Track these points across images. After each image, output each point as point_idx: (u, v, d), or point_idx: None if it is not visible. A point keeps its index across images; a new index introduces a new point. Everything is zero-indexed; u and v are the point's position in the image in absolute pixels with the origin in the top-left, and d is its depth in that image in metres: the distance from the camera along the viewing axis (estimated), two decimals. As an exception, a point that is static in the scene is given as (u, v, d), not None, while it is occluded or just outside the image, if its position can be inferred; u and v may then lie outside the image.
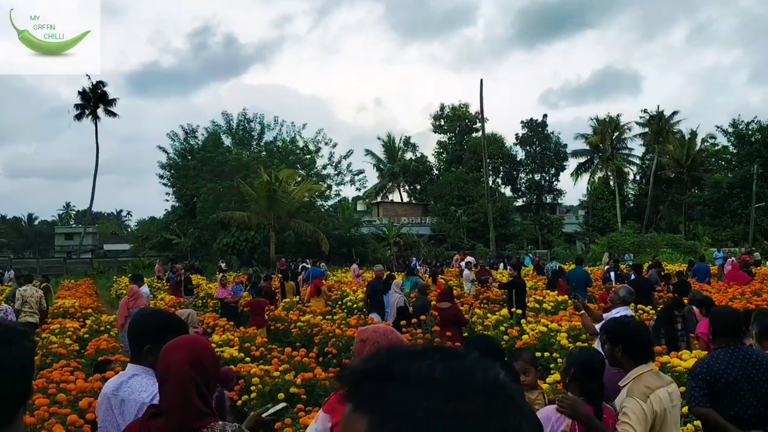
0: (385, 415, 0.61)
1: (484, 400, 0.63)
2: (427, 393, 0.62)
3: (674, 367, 6.08)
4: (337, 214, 41.69)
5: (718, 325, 3.61)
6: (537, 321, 9.62)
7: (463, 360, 0.67)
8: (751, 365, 3.36)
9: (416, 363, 0.65)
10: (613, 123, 53.88)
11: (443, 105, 56.80)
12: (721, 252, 28.76)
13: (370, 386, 0.65)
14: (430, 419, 0.60)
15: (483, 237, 41.58)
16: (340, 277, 22.82)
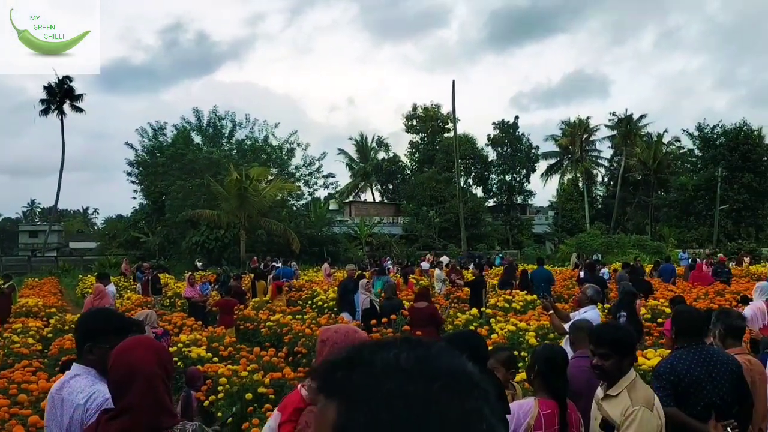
0: (351, 399, 0.64)
1: (446, 384, 0.64)
2: (391, 377, 0.64)
3: (639, 365, 6.18)
4: (309, 213, 41.51)
5: (681, 325, 3.67)
6: (506, 320, 9.68)
7: (429, 348, 0.70)
8: (713, 364, 3.42)
9: (382, 351, 0.68)
10: (583, 125, 54.77)
11: (416, 105, 57.09)
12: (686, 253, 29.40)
13: (337, 375, 0.67)
14: (393, 400, 0.62)
15: (454, 237, 41.82)
16: (311, 277, 22.70)
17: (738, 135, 44.43)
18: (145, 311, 6.69)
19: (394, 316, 8.98)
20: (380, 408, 0.62)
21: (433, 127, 55.81)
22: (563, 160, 56.15)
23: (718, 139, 46.09)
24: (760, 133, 45.16)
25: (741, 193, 42.74)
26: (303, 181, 44.74)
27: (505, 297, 13.08)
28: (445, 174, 48.28)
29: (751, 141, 44.11)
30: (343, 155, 58.63)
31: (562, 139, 55.15)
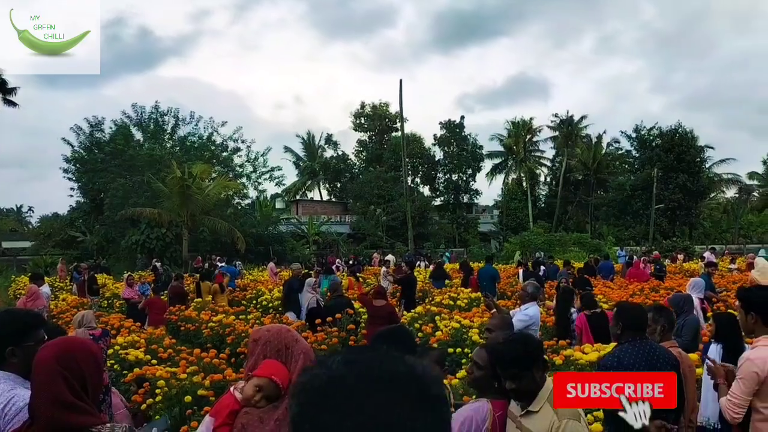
0: (295, 396, 0.79)
1: (360, 380, 0.75)
2: (318, 377, 0.77)
3: (577, 360, 6.32)
4: (254, 212, 40.86)
5: (627, 321, 3.73)
6: (451, 317, 9.76)
7: (365, 353, 0.81)
8: (656, 358, 3.51)
9: (331, 356, 0.81)
10: (526, 126, 55.94)
11: (364, 103, 57.04)
12: (624, 250, 30.42)
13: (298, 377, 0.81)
14: (313, 396, 0.76)
15: (402, 236, 42.00)
16: (256, 276, 22.39)
17: (673, 137, 46.24)
18: (81, 312, 6.50)
19: (339, 315, 8.92)
20: (308, 401, 0.75)
21: (381, 126, 55.91)
22: (508, 159, 57.18)
23: (654, 141, 47.87)
24: (694, 134, 47.20)
25: (675, 193, 44.49)
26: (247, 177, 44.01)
27: (450, 294, 13.21)
28: (393, 173, 48.44)
29: (686, 142, 45.98)
30: (290, 153, 58.06)
31: (506, 139, 56.17)
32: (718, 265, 19.11)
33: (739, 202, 55.08)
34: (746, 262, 20.64)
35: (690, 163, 45.57)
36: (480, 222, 53.91)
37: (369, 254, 35.73)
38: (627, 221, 47.31)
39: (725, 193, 56.31)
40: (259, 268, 27.59)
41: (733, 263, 21.48)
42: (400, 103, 38.10)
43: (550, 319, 9.06)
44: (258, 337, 2.46)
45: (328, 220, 46.18)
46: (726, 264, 22.24)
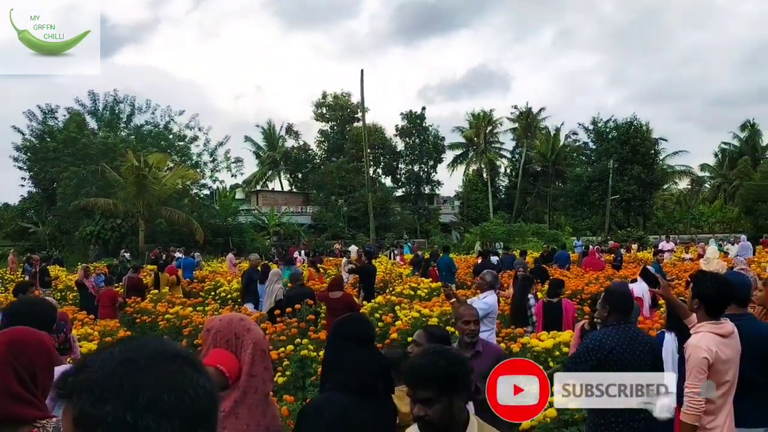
0: (78, 392, 0.84)
1: (149, 359, 0.87)
2: (106, 366, 0.86)
3: (533, 347, 6.42)
4: (213, 203, 40.26)
5: (614, 303, 3.78)
6: (411, 307, 9.81)
7: (139, 341, 0.93)
8: (637, 343, 3.57)
9: (101, 353, 0.90)
10: (486, 118, 56.45)
11: (325, 93, 56.61)
12: (581, 240, 31.08)
13: (67, 382, 0.87)
14: (109, 381, 0.84)
15: (363, 226, 41.99)
16: (215, 267, 22.10)
17: (629, 129, 47.28)
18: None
19: (299, 305, 8.86)
20: (101, 391, 0.83)
21: (342, 116, 55.62)
22: (469, 151, 57.64)
23: (610, 133, 48.87)
24: (648, 127, 48.41)
25: (630, 185, 45.56)
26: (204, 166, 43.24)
27: (410, 285, 13.27)
28: (355, 163, 48.31)
29: (640, 135, 47.09)
30: (250, 143, 57.27)
31: (467, 130, 56.60)
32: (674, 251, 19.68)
33: (691, 193, 56.90)
34: (697, 252, 21.32)
35: (644, 155, 46.70)
36: (441, 213, 54.27)
37: (330, 245, 35.63)
38: (584, 212, 48.30)
39: (678, 184, 58.15)
40: (219, 259, 27.24)
41: (686, 252, 22.15)
42: (361, 94, 37.99)
43: (507, 307, 9.20)
44: (210, 326, 2.43)
45: (288, 211, 45.82)
46: (680, 253, 22.92)
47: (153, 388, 0.84)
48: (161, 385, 0.85)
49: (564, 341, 6.31)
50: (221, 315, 2.62)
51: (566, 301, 8.24)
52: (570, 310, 7.94)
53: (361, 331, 2.74)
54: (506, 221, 42.01)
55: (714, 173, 58.28)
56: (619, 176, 45.10)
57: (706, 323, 3.40)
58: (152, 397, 0.83)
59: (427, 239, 43.25)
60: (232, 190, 47.21)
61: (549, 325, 7.42)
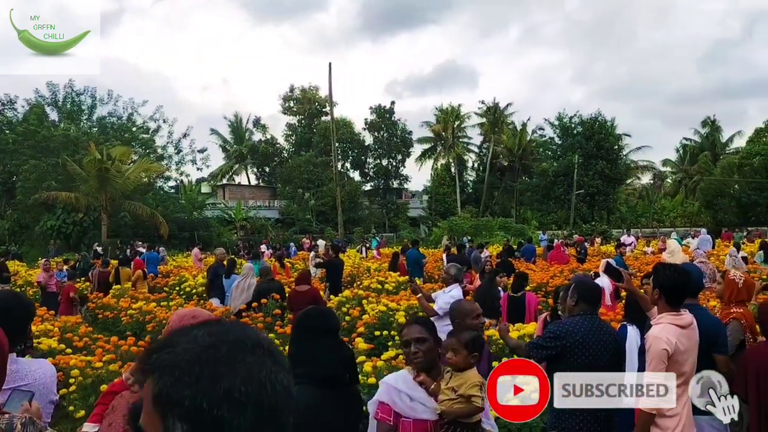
0: (161, 371, 0.87)
1: (231, 346, 0.88)
2: (190, 350, 0.88)
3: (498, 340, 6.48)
4: (179, 197, 39.62)
5: (582, 294, 3.81)
6: (378, 301, 9.81)
7: (222, 326, 0.94)
8: (602, 333, 3.62)
9: (185, 334, 0.92)
10: (455, 113, 56.74)
11: (293, 86, 56.19)
12: (546, 234, 31.49)
13: (152, 357, 0.90)
14: (190, 365, 0.85)
15: (332, 221, 41.88)
16: (180, 262, 21.78)
17: (593, 125, 48.07)
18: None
19: (265, 300, 8.79)
20: (181, 374, 0.85)
21: (310, 110, 55.27)
22: (437, 145, 57.87)
23: (575, 129, 49.62)
24: (613, 123, 49.27)
25: (595, 179, 46.36)
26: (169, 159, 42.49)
27: (378, 279, 13.28)
28: (323, 157, 48.08)
29: (605, 131, 47.92)
30: (217, 136, 56.51)
31: (435, 125, 56.81)
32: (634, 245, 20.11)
33: (653, 188, 58.12)
34: (659, 246, 21.82)
35: (608, 151, 47.54)
36: (409, 207, 54.45)
37: (297, 239, 35.44)
38: (550, 206, 48.96)
39: (641, 179, 59.36)
40: (184, 254, 26.85)
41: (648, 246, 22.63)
42: (329, 87, 37.81)
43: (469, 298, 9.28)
44: (172, 320, 2.40)
45: (255, 205, 45.41)
46: (642, 247, 23.41)
47: (232, 378, 0.84)
48: (240, 376, 0.85)
49: (528, 333, 6.39)
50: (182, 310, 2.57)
51: (529, 294, 8.35)
52: (533, 303, 8.04)
53: (324, 324, 2.73)
54: (474, 215, 42.31)
55: (675, 168, 59.66)
56: (583, 171, 45.82)
57: (667, 314, 3.47)
58: (230, 388, 0.84)
59: (396, 233, 43.34)
60: (198, 184, 46.57)
61: (513, 318, 7.52)
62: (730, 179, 46.07)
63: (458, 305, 3.99)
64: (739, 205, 45.31)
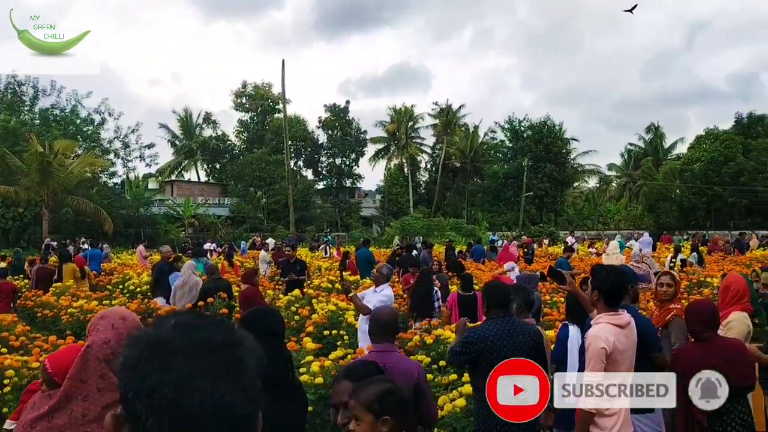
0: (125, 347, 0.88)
1: (180, 347, 0.85)
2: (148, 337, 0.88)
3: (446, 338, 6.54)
4: (124, 192, 38.54)
5: (491, 298, 3.89)
6: (328, 301, 9.77)
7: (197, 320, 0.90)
8: (517, 334, 3.69)
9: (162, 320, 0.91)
10: (408, 113, 57.03)
11: (245, 82, 55.37)
12: (496, 235, 32.00)
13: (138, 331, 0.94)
14: (139, 352, 0.85)
15: (283, 219, 41.48)
16: (125, 260, 21.20)
17: (542, 129, 49.11)
18: None
19: (211, 299, 8.63)
20: (130, 356, 0.85)
21: (263, 107, 54.58)
22: (390, 145, 58.04)
23: (525, 132, 50.60)
24: (562, 127, 50.47)
25: (543, 182, 47.36)
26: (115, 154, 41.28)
27: (329, 278, 13.23)
28: (275, 155, 47.55)
29: (553, 134, 49.03)
30: (165, 130, 55.13)
31: (389, 125, 56.97)
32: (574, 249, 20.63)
33: (599, 191, 59.73)
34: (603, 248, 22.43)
35: (557, 154, 48.66)
36: (362, 206, 54.44)
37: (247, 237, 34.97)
38: (500, 208, 49.76)
39: (587, 182, 60.91)
40: (129, 251, 26.15)
41: (591, 247, 23.24)
42: (282, 84, 37.46)
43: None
44: (92, 322, 2.32)
45: (205, 202, 44.57)
46: (585, 248, 24.03)
47: (161, 377, 0.82)
48: (172, 378, 0.82)
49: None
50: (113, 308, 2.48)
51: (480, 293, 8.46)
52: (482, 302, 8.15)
53: (266, 325, 2.69)
54: (426, 216, 42.61)
55: (620, 173, 61.47)
56: (533, 174, 46.75)
57: (605, 315, 3.55)
58: (153, 387, 0.81)
59: (348, 232, 43.26)
60: (145, 180, 45.37)
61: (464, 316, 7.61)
62: (672, 184, 47.80)
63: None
64: (679, 209, 47.05)
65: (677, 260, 13.90)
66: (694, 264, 14.51)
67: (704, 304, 4.07)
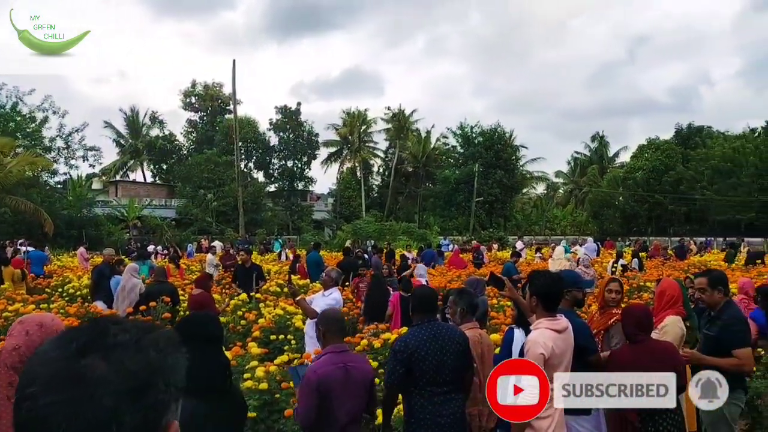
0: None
1: (58, 349, 0.86)
2: (46, 343, 0.90)
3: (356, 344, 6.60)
4: (66, 192, 37.23)
5: (416, 304, 3.93)
6: (276, 305, 9.66)
7: (95, 331, 0.90)
8: (443, 339, 3.71)
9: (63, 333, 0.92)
10: (361, 117, 57.11)
11: (195, 82, 54.33)
12: (447, 240, 32.34)
13: None
14: (31, 353, 0.90)
15: (233, 222, 40.84)
16: (65, 262, 20.48)
17: (493, 136, 49.97)
18: None
19: (153, 303, 8.41)
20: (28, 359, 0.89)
21: (213, 107, 53.68)
22: (343, 149, 57.97)
23: (476, 138, 51.38)
24: (512, 134, 51.45)
25: (494, 188, 48.17)
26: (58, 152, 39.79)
27: (277, 282, 13.09)
28: (225, 157, 46.79)
29: (503, 142, 49.94)
30: (111, 129, 53.55)
31: (342, 128, 56.91)
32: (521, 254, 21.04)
33: (546, 197, 61.14)
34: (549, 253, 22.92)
35: (507, 161, 49.59)
36: (314, 210, 54.14)
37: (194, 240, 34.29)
38: (451, 212, 50.34)
39: (535, 189, 62.31)
40: (70, 253, 25.28)
41: (538, 252, 23.71)
42: (233, 84, 36.92)
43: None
44: (11, 328, 2.22)
45: (151, 204, 43.49)
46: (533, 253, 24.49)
47: (33, 377, 0.84)
48: (44, 379, 0.83)
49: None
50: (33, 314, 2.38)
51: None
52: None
53: (203, 331, 2.62)
54: (378, 219, 42.70)
55: (567, 180, 63.10)
56: (483, 180, 47.48)
57: (544, 320, 3.63)
58: (27, 383, 0.84)
59: (299, 236, 42.92)
60: (89, 180, 43.91)
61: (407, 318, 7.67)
62: (615, 191, 49.35)
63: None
64: (622, 215, 48.63)
65: (618, 265, 14.33)
66: (635, 269, 14.99)
67: (639, 308, 4.20)
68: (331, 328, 3.62)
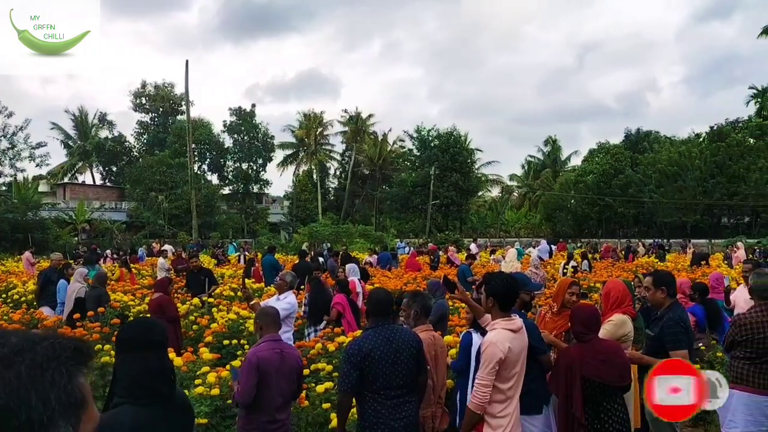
0: None
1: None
2: None
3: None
4: (11, 195, 35.89)
5: (370, 306, 3.94)
6: (229, 309, 9.52)
7: (22, 335, 0.91)
8: (396, 341, 3.72)
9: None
10: (317, 119, 56.88)
11: (145, 82, 53.19)
12: (404, 242, 32.47)
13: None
14: None
15: (186, 225, 40.07)
16: (9, 267, 19.74)
17: (449, 139, 50.44)
18: None
19: (102, 308, 8.18)
20: None
21: (165, 108, 52.60)
22: (299, 151, 57.62)
23: (432, 142, 51.79)
24: (467, 138, 52.05)
25: (450, 191, 48.61)
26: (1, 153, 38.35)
27: (231, 285, 12.92)
28: (178, 159, 45.91)
29: (459, 145, 50.47)
30: (58, 130, 51.90)
31: (298, 130, 56.56)
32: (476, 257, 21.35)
33: (501, 200, 62.04)
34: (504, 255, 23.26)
35: (462, 164, 50.12)
36: (270, 212, 53.61)
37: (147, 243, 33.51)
38: (408, 215, 50.58)
39: (490, 191, 63.17)
40: (15, 257, 24.36)
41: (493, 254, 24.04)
42: (186, 85, 36.18)
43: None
44: None
45: (101, 207, 42.30)
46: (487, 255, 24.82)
47: None
48: None
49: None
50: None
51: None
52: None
53: (145, 336, 2.56)
54: (335, 222, 42.57)
55: (521, 183, 64.22)
56: (439, 183, 47.89)
57: (501, 320, 3.68)
58: None
59: (255, 239, 42.41)
60: (35, 182, 42.45)
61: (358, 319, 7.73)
62: (567, 194, 50.48)
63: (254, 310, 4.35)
64: (574, 218, 49.77)
65: (569, 267, 14.64)
66: (585, 270, 15.35)
67: (587, 309, 4.30)
68: (267, 321, 4.16)
